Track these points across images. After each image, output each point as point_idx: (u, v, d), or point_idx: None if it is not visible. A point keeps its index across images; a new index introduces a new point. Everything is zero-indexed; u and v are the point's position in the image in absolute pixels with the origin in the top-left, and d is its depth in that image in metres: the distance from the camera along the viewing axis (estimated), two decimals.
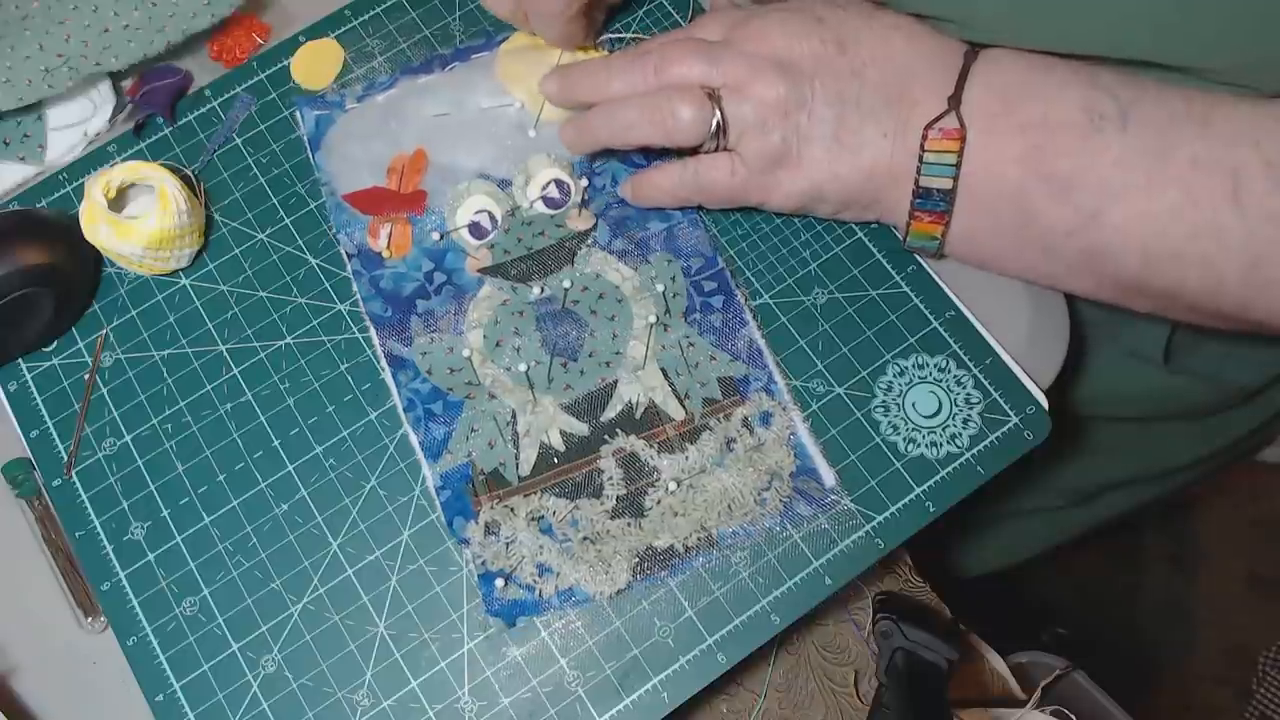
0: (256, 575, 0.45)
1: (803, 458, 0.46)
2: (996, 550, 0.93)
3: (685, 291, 0.49)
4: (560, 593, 0.44)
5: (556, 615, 0.44)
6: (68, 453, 0.47)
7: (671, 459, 0.46)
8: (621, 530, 0.45)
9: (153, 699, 0.43)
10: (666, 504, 0.45)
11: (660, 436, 0.47)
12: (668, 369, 0.48)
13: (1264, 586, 1.37)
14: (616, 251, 0.50)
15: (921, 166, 0.43)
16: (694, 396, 0.47)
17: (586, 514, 0.45)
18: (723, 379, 0.48)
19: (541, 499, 0.46)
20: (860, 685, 0.55)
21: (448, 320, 0.49)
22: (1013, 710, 0.57)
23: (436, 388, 0.48)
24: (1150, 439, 0.72)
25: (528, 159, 0.51)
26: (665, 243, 0.50)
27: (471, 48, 0.54)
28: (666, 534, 0.45)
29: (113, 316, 0.50)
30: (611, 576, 0.44)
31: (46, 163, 0.53)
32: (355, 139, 0.53)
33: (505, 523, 0.45)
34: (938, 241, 0.46)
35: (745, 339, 0.48)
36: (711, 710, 0.55)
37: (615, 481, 0.46)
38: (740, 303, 0.49)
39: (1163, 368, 0.62)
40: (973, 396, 0.47)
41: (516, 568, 0.44)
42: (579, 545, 0.45)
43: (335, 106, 0.53)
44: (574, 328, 0.49)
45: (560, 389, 0.48)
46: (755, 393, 0.47)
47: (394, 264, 0.50)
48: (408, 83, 0.54)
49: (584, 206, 0.51)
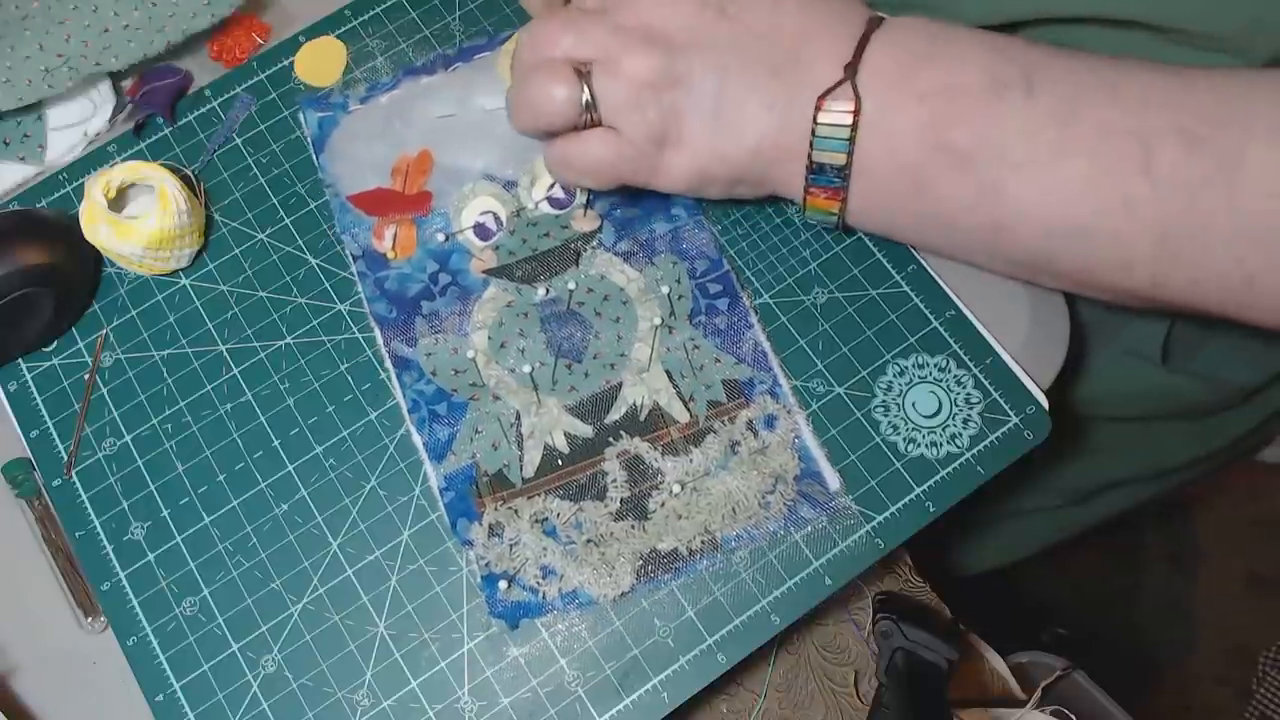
0: (256, 575, 0.45)
1: (807, 461, 0.46)
2: (996, 550, 0.93)
3: (690, 294, 0.49)
4: (564, 595, 0.44)
5: (558, 616, 0.44)
6: (68, 453, 0.47)
7: (676, 461, 0.46)
8: (625, 533, 0.45)
9: (153, 699, 0.43)
10: (670, 506, 0.45)
11: (664, 439, 0.47)
12: (672, 371, 0.48)
13: (1264, 586, 1.37)
14: (622, 253, 0.50)
15: (814, 141, 0.40)
16: (698, 399, 0.47)
17: (590, 516, 0.45)
18: (727, 381, 0.48)
19: (545, 501, 0.46)
20: (860, 685, 0.55)
21: (452, 321, 0.49)
22: (1013, 710, 0.57)
23: (441, 389, 0.48)
24: (1149, 438, 0.72)
25: (533, 160, 0.51)
26: (670, 244, 0.50)
27: (474, 48, 0.54)
28: (670, 536, 0.45)
29: (113, 316, 0.50)
30: (615, 579, 0.44)
31: (46, 163, 0.53)
32: (359, 140, 0.53)
33: (509, 524, 0.45)
34: (836, 217, 0.44)
35: (750, 341, 0.48)
36: (711, 710, 0.55)
37: (619, 484, 0.46)
38: (745, 305, 0.49)
39: (1161, 367, 0.62)
40: (973, 396, 0.47)
41: (520, 570, 0.44)
42: (583, 547, 0.45)
43: (339, 108, 0.53)
44: (579, 329, 0.49)
45: (565, 390, 0.48)
46: (760, 395, 0.47)
47: (399, 265, 0.50)
48: (411, 83, 0.54)
49: (589, 207, 0.51)
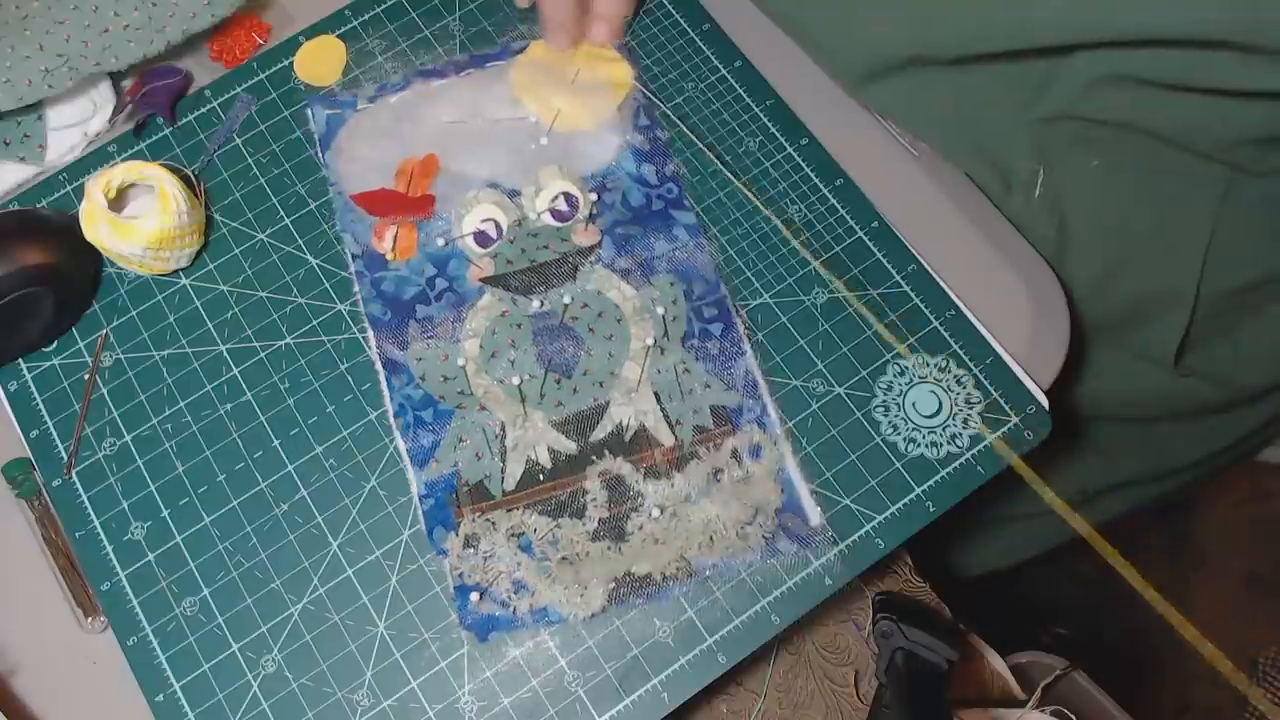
0: (256, 575, 0.45)
1: (790, 493, 0.46)
2: (997, 550, 0.93)
3: (685, 316, 0.49)
4: (534, 611, 0.44)
5: (530, 632, 0.44)
6: (68, 453, 0.47)
7: (657, 485, 0.46)
8: (601, 554, 0.45)
9: (153, 699, 0.43)
10: (649, 530, 0.45)
11: (648, 461, 0.46)
12: (661, 393, 0.47)
13: (1264, 586, 1.37)
14: (620, 270, 0.50)
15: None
16: (685, 423, 0.47)
17: (567, 534, 0.45)
18: (715, 408, 0.47)
19: (524, 515, 0.45)
20: (860, 685, 0.55)
21: (446, 327, 0.49)
22: (1013, 710, 0.57)
23: (429, 395, 0.48)
24: (1152, 440, 0.72)
25: (539, 170, 0.51)
26: (668, 265, 0.50)
27: (488, 55, 0.54)
28: (646, 561, 0.44)
29: (113, 316, 0.50)
30: (586, 599, 0.44)
31: (46, 163, 0.53)
32: (365, 139, 0.53)
33: (485, 536, 0.45)
34: None
35: (742, 369, 0.48)
36: (711, 710, 0.55)
37: (599, 503, 0.45)
38: (740, 333, 0.49)
39: (1171, 370, 0.62)
40: (973, 396, 0.47)
41: (493, 582, 0.44)
42: (557, 565, 0.44)
43: (347, 106, 0.53)
44: (571, 344, 0.48)
45: (551, 405, 0.47)
46: (747, 424, 0.47)
47: (397, 267, 0.50)
48: (421, 86, 0.54)
49: (591, 221, 0.51)
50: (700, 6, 0.56)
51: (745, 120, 0.53)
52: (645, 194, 0.51)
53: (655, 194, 0.51)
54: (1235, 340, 0.61)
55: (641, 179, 0.52)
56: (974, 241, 0.52)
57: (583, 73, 0.53)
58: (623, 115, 0.53)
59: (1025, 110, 0.52)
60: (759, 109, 0.54)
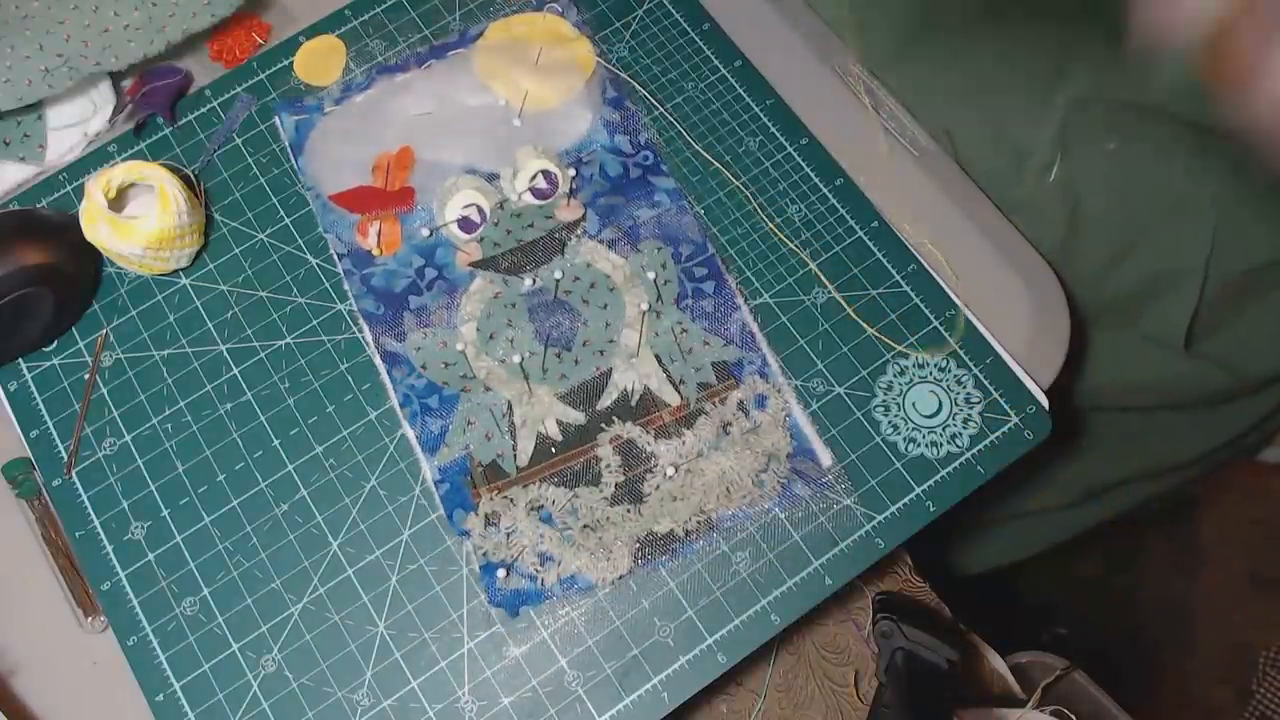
0: (256, 575, 0.45)
1: (799, 438, 0.46)
2: (997, 550, 0.92)
3: (676, 278, 0.49)
4: (563, 580, 0.44)
5: (558, 613, 0.44)
6: (68, 453, 0.47)
7: (669, 444, 0.46)
8: (621, 516, 0.45)
9: (153, 699, 0.43)
10: (665, 489, 0.46)
11: (657, 422, 0.47)
12: (662, 355, 0.48)
13: (1264, 586, 1.37)
14: (606, 240, 0.50)
15: None
16: (689, 382, 0.48)
17: (586, 502, 0.45)
18: (716, 364, 0.48)
19: (541, 488, 0.46)
20: (860, 685, 0.55)
21: (440, 315, 0.49)
22: (1013, 710, 0.57)
23: (432, 382, 0.48)
24: (1154, 432, 0.71)
25: (515, 151, 0.51)
26: (654, 230, 0.50)
27: (448, 44, 0.55)
28: (666, 519, 0.45)
29: (113, 316, 0.50)
30: (613, 562, 0.44)
31: (46, 163, 0.53)
32: (336, 140, 0.53)
33: (505, 513, 0.45)
34: None
35: (738, 323, 0.48)
36: (711, 710, 0.55)
37: (613, 469, 0.46)
38: (731, 288, 0.49)
39: (1181, 353, 0.61)
40: (973, 396, 0.47)
41: (518, 557, 0.45)
42: (579, 533, 0.45)
43: (314, 110, 0.53)
44: (567, 318, 0.49)
45: (555, 379, 0.48)
46: (749, 376, 0.47)
47: (384, 261, 0.50)
48: (386, 82, 0.54)
49: (572, 196, 0.51)
50: (700, 6, 0.56)
51: (745, 120, 0.53)
52: (622, 163, 0.52)
53: (632, 162, 0.52)
54: (1244, 323, 0.61)
55: (616, 149, 0.52)
56: (974, 241, 0.52)
57: (544, 52, 0.53)
58: (590, 90, 0.53)
59: (1053, 92, 0.52)
60: (759, 109, 0.54)
